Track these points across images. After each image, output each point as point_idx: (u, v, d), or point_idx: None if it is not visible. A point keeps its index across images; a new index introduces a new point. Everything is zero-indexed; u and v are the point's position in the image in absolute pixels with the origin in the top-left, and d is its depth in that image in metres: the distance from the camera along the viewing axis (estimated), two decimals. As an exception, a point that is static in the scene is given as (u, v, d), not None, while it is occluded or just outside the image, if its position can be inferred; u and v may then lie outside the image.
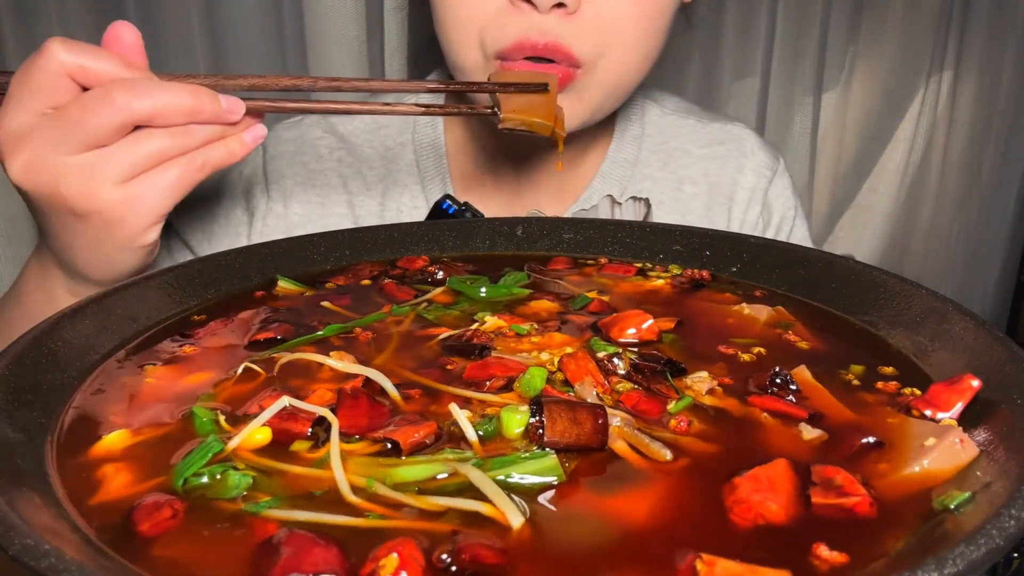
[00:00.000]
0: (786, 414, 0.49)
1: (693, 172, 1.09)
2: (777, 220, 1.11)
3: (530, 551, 0.37)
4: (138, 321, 0.61)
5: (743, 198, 1.09)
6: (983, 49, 2.07)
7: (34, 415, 0.47)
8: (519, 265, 0.75)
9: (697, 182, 1.09)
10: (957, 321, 0.55)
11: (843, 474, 0.41)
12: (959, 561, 0.33)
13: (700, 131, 1.12)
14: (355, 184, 1.04)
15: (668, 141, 1.11)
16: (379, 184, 1.05)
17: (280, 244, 0.75)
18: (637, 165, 1.08)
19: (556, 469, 0.42)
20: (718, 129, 1.13)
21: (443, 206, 0.87)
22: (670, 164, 1.10)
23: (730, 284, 0.72)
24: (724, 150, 1.11)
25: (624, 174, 1.07)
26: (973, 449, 0.44)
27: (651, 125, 1.11)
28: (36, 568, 0.33)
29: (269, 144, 1.05)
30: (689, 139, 1.11)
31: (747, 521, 0.39)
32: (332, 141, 1.06)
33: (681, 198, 1.08)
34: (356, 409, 0.48)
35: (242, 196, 1.03)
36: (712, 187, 1.09)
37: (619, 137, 1.09)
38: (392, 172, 1.05)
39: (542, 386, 0.50)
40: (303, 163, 1.04)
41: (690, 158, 1.10)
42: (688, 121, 1.13)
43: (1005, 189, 2.21)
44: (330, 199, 1.03)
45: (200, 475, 0.43)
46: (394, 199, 1.04)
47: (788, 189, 1.12)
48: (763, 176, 1.10)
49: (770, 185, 1.11)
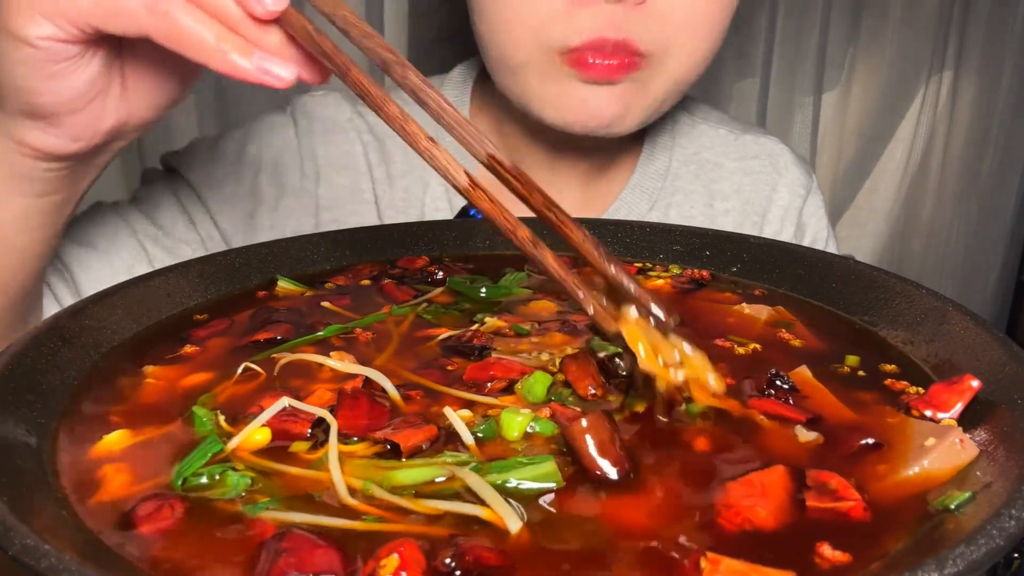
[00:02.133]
0: (784, 417, 0.49)
1: (725, 187, 1.07)
2: (809, 240, 1.09)
3: (528, 555, 0.37)
4: (138, 321, 0.61)
5: (776, 216, 1.07)
6: (983, 49, 2.07)
7: (34, 415, 0.47)
8: (519, 265, 0.75)
9: (729, 198, 1.06)
10: (957, 321, 0.55)
11: (837, 479, 0.42)
12: (959, 561, 0.33)
13: (732, 143, 1.09)
14: (379, 171, 1.01)
15: (700, 152, 1.08)
16: (402, 179, 1.02)
17: (280, 244, 0.75)
18: (667, 177, 1.06)
19: (555, 475, 0.42)
20: (751, 142, 1.10)
21: (471, 212, 0.86)
22: (702, 177, 1.07)
23: (730, 284, 0.72)
24: (758, 165, 1.08)
25: (655, 186, 1.05)
26: (973, 449, 0.44)
27: (682, 135, 1.09)
28: (36, 568, 0.33)
29: (300, 118, 1.00)
30: (721, 151, 1.09)
31: (734, 525, 0.39)
32: (361, 124, 1.02)
33: (712, 214, 1.06)
34: (356, 410, 0.48)
35: (272, 164, 0.99)
36: (745, 204, 1.07)
37: (649, 147, 1.06)
38: (414, 168, 1.02)
39: (544, 392, 0.50)
40: (336, 144, 1.00)
41: (722, 171, 1.07)
42: (720, 132, 1.10)
43: (1005, 189, 2.20)
44: (359, 185, 1.00)
45: (199, 475, 0.43)
46: (417, 196, 1.01)
47: (821, 208, 1.10)
48: (797, 195, 1.08)
49: (804, 204, 1.08)
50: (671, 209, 1.05)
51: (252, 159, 0.98)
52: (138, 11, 0.52)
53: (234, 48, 0.51)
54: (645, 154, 1.06)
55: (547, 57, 0.85)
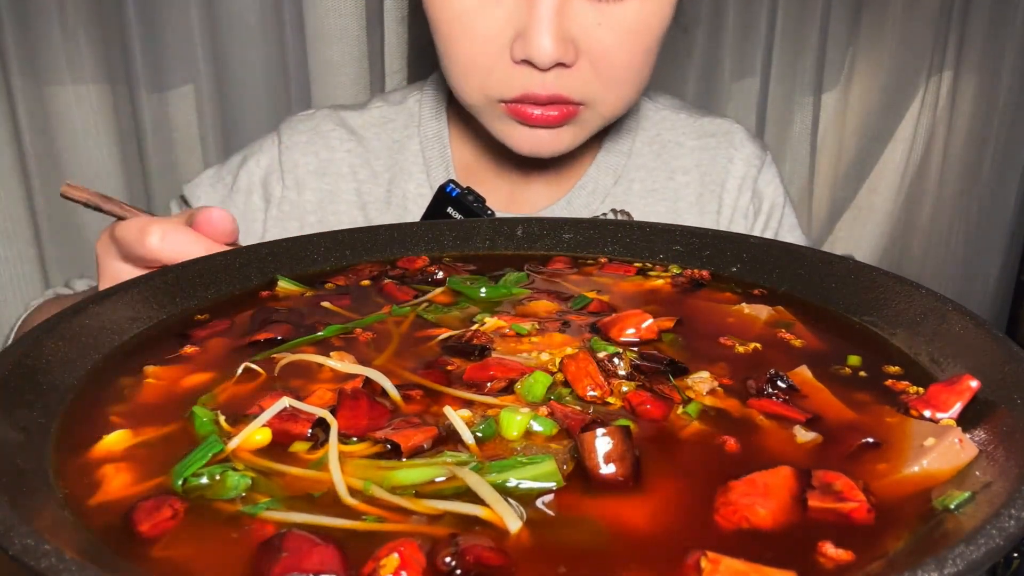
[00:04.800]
0: (783, 416, 0.49)
1: (685, 162, 1.14)
2: (768, 207, 1.16)
3: (528, 554, 0.37)
4: (139, 321, 0.61)
5: (734, 186, 1.14)
6: (983, 49, 2.07)
7: (34, 415, 0.47)
8: (519, 265, 0.76)
9: (689, 171, 1.14)
10: (957, 321, 0.55)
11: (844, 479, 0.41)
12: (959, 561, 0.33)
13: (692, 125, 1.17)
14: (363, 172, 1.10)
15: (661, 134, 1.16)
16: (386, 173, 1.11)
17: (280, 244, 0.75)
18: (631, 156, 1.13)
19: (555, 475, 0.42)
20: (708, 123, 1.18)
21: (447, 189, 0.91)
22: (663, 155, 1.15)
23: (730, 284, 0.72)
24: (715, 142, 1.16)
25: (619, 163, 1.12)
26: (972, 449, 0.44)
27: (645, 119, 1.16)
28: (36, 568, 0.33)
29: (284, 135, 1.11)
30: (681, 132, 1.17)
31: (730, 524, 0.39)
32: (343, 133, 1.12)
33: (673, 187, 1.13)
34: (356, 410, 0.48)
35: (260, 185, 1.10)
36: (704, 176, 1.14)
37: (615, 130, 1.13)
38: (399, 162, 1.11)
39: (543, 393, 0.50)
40: (315, 152, 1.10)
41: (682, 149, 1.15)
42: (680, 116, 1.18)
43: (1005, 189, 2.20)
44: (339, 186, 1.10)
45: (199, 475, 0.43)
46: (400, 186, 1.10)
47: (776, 178, 1.17)
48: (752, 165, 1.15)
49: (759, 174, 1.15)
50: (635, 183, 1.12)
51: (245, 182, 1.10)
52: None
53: None
54: (611, 137, 1.13)
55: (492, 104, 0.95)
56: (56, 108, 1.55)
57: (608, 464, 0.42)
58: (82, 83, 1.55)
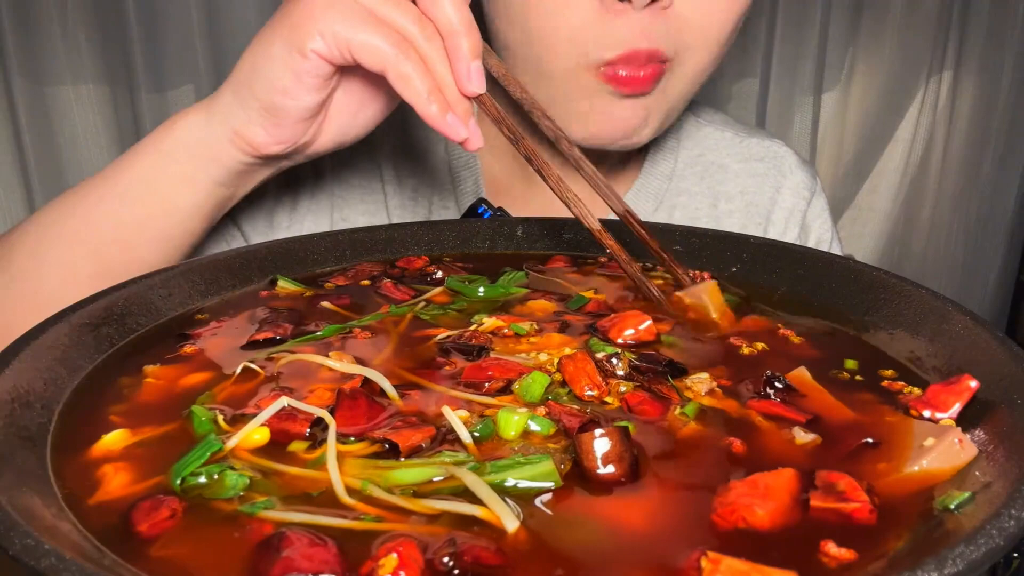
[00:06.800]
0: (782, 417, 0.49)
1: (730, 188, 1.08)
2: (814, 242, 1.10)
3: (526, 554, 0.37)
4: (138, 321, 0.61)
5: (780, 219, 1.08)
6: (983, 49, 2.07)
7: (34, 415, 0.47)
8: (519, 265, 0.75)
9: (733, 199, 1.08)
10: (957, 321, 0.55)
11: (848, 480, 0.41)
12: (959, 561, 0.33)
13: (737, 146, 1.11)
14: (388, 173, 1.05)
15: (705, 154, 1.10)
16: (411, 179, 1.05)
17: (280, 244, 0.75)
18: (673, 179, 1.07)
19: (553, 474, 0.42)
20: (756, 144, 1.11)
21: (479, 210, 0.87)
22: (707, 179, 1.08)
23: (730, 284, 0.72)
24: (763, 167, 1.09)
25: (660, 187, 1.06)
26: (972, 449, 0.44)
27: (687, 137, 1.10)
28: (36, 568, 0.33)
29: None
30: (726, 153, 1.10)
31: (728, 523, 0.39)
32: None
33: (716, 215, 1.07)
34: (354, 409, 0.48)
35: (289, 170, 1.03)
36: (749, 205, 1.08)
37: (655, 149, 1.07)
38: (428, 170, 1.05)
39: (541, 393, 0.50)
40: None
41: (727, 173, 1.09)
42: (726, 134, 1.11)
43: (1005, 189, 2.21)
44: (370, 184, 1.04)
45: (198, 475, 0.43)
46: (425, 196, 1.04)
47: (826, 211, 1.11)
48: (802, 197, 1.09)
49: (808, 207, 1.09)
50: (676, 210, 1.06)
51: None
52: (388, 53, 0.65)
53: (437, 104, 0.66)
54: (650, 156, 1.06)
55: (581, 70, 0.86)
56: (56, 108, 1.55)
57: (607, 465, 0.42)
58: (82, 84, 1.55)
